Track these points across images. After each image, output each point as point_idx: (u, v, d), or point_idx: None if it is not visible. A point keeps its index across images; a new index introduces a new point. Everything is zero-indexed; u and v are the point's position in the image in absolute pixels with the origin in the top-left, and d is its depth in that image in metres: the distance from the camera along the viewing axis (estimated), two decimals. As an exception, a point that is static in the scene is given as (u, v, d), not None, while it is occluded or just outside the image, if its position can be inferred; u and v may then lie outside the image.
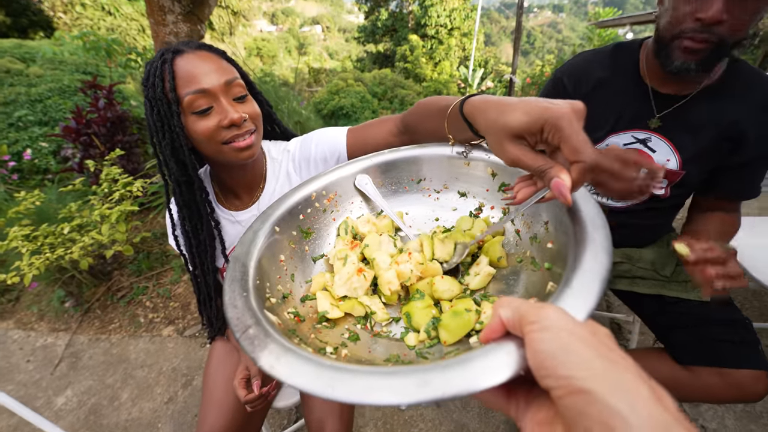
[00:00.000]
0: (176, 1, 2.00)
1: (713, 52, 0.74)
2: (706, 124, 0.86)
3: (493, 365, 0.27)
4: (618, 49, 0.95)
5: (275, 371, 0.33)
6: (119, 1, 11.47)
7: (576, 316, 0.29)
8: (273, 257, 0.55)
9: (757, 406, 1.32)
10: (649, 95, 0.89)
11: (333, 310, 0.51)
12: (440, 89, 12.60)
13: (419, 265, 0.53)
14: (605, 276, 0.33)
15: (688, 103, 0.86)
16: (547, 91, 1.03)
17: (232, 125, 0.69)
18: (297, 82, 9.66)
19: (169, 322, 2.07)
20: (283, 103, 3.66)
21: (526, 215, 0.55)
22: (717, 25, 0.70)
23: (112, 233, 1.80)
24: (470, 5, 18.21)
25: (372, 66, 17.70)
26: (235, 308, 0.41)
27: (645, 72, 0.90)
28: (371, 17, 19.58)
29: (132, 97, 3.71)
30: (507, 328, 0.28)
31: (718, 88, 0.85)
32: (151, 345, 1.92)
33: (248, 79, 0.80)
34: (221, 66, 0.71)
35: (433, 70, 15.21)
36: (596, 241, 0.37)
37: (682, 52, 0.75)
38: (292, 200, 0.61)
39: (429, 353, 0.44)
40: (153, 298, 2.23)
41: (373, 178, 0.67)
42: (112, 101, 2.69)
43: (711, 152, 0.88)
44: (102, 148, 2.52)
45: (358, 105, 6.65)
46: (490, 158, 0.59)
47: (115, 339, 1.98)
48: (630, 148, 0.92)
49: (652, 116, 0.90)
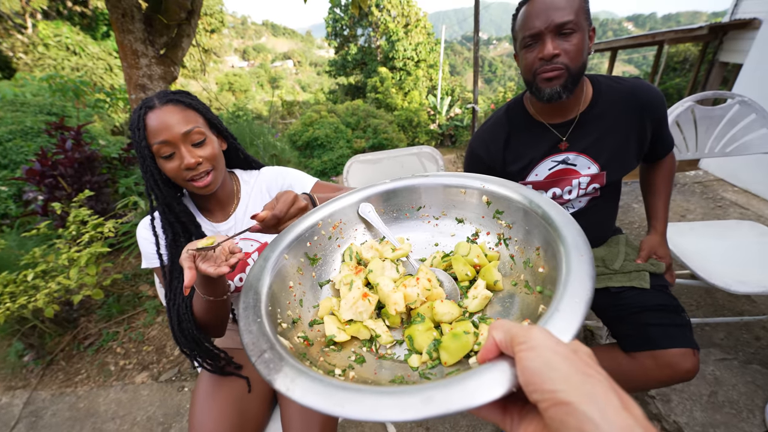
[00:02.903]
0: (149, 45, 2.05)
1: (567, 78, 0.92)
2: (603, 130, 1.04)
3: (489, 383, 0.30)
4: (509, 109, 1.14)
5: (290, 392, 0.35)
6: (85, 41, 11.39)
7: (563, 336, 0.33)
8: (283, 284, 0.57)
9: (720, 396, 1.40)
10: (547, 128, 1.07)
11: (340, 333, 0.53)
12: (411, 117, 13.09)
13: (426, 291, 0.55)
14: (589, 299, 0.37)
15: (580, 122, 1.04)
16: (468, 162, 1.19)
17: (188, 168, 0.84)
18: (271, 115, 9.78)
19: (142, 367, 1.96)
20: (258, 138, 3.71)
21: (520, 242, 0.59)
22: (556, 57, 0.90)
23: (81, 277, 1.73)
24: (434, 39, 19.39)
25: (344, 97, 18.22)
26: (250, 333, 0.44)
27: (535, 114, 1.09)
28: (341, 52, 20.39)
29: (100, 136, 3.66)
30: (500, 349, 0.30)
31: (594, 103, 1.04)
32: (123, 394, 1.81)
33: (213, 120, 0.93)
34: (184, 117, 0.85)
35: (403, 100, 15.84)
36: (581, 269, 0.41)
37: (544, 82, 0.94)
38: (300, 228, 0.64)
39: (431, 374, 0.46)
40: (125, 344, 2.11)
41: (375, 206, 0.71)
42: (80, 142, 2.64)
43: (621, 146, 1.05)
44: (69, 189, 2.45)
45: (333, 135, 6.79)
46: (485, 187, 0.64)
47: (82, 392, 1.85)
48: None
49: (559, 141, 1.07)
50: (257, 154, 3.68)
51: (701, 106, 1.54)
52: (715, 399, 1.40)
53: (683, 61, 9.66)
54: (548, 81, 0.93)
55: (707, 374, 1.50)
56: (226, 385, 0.96)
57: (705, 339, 1.65)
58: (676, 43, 6.32)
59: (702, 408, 1.38)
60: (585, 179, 1.08)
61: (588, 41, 0.93)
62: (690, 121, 1.56)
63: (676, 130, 1.56)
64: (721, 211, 2.63)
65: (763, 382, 1.44)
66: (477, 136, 1.16)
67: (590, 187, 1.10)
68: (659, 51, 6.82)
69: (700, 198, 2.85)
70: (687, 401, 1.41)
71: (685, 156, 1.62)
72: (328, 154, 7.05)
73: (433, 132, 13.97)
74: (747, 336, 1.65)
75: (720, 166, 3.09)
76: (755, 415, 1.33)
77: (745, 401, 1.38)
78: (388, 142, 8.72)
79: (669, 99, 8.30)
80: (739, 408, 1.36)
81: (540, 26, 0.89)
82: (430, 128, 13.90)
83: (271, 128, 5.19)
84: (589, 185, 1.09)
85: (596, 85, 1.05)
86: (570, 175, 1.08)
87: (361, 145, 8.00)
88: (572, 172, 1.08)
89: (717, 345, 1.62)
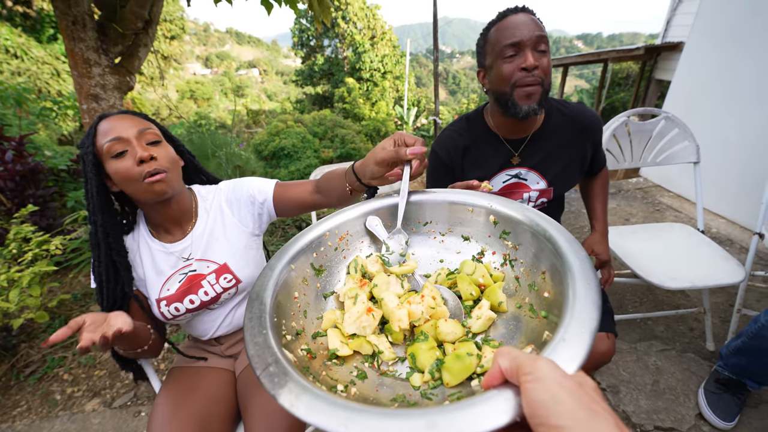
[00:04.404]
0: (103, 54, 1.96)
1: (542, 94, 0.98)
2: (551, 149, 1.13)
3: (493, 411, 0.30)
4: (469, 119, 1.20)
5: (294, 409, 0.35)
6: (28, 43, 10.58)
7: (569, 366, 0.33)
8: (288, 294, 0.57)
9: (661, 384, 1.54)
10: (503, 142, 1.14)
11: (343, 347, 0.53)
12: (379, 127, 13.27)
13: (430, 309, 0.55)
14: (595, 329, 0.37)
15: (532, 140, 1.13)
16: (431, 165, 1.22)
17: (141, 161, 0.81)
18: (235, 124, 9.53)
19: (93, 394, 1.82)
20: (221, 149, 3.61)
21: (526, 264, 0.58)
22: (535, 69, 0.95)
23: (23, 299, 1.60)
24: (400, 52, 19.88)
25: (311, 107, 18.14)
26: (256, 345, 0.44)
27: (493, 127, 1.15)
28: (308, 62, 20.35)
29: (46, 146, 3.41)
30: (506, 377, 0.31)
31: (546, 124, 1.12)
32: (70, 425, 1.67)
33: (168, 134, 0.95)
34: (138, 121, 0.86)
35: (370, 110, 16.03)
36: (588, 297, 0.41)
37: (525, 98, 0.98)
38: (307, 238, 0.64)
39: (433, 395, 0.46)
40: (73, 369, 1.96)
41: (382, 220, 0.70)
42: (22, 153, 2.46)
43: (566, 165, 1.15)
44: (8, 204, 2.26)
45: (300, 145, 6.74)
46: (492, 207, 0.64)
47: (21, 426, 1.69)
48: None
49: (512, 156, 1.14)
50: (219, 165, 3.58)
51: (634, 121, 1.72)
52: (657, 387, 1.54)
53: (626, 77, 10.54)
54: (527, 98, 0.97)
55: (650, 365, 1.64)
56: (185, 406, 0.92)
57: (647, 332, 1.80)
58: (619, 61, 6.92)
59: (646, 396, 1.51)
60: (534, 193, 1.17)
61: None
62: (625, 134, 1.73)
63: (613, 142, 1.73)
64: (659, 215, 2.89)
65: (696, 368, 1.60)
66: (439, 140, 1.21)
67: (539, 201, 1.19)
68: (605, 68, 7.42)
69: (641, 203, 3.12)
70: (633, 391, 1.53)
71: (622, 165, 1.78)
72: (295, 164, 6.97)
73: (400, 142, 14.18)
74: (683, 327, 1.82)
75: (657, 174, 3.40)
76: (690, 399, 1.47)
77: (682, 387, 1.53)
78: (355, 152, 8.78)
79: (615, 112, 9.02)
80: (677, 393, 1.50)
81: (522, 37, 0.94)
82: (398, 138, 14.10)
83: (236, 137, 5.07)
84: (538, 198, 1.19)
85: (548, 108, 1.14)
86: (521, 189, 1.17)
87: (328, 154, 7.99)
88: (523, 186, 1.17)
89: (658, 337, 1.77)
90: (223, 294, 0.99)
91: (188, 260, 0.96)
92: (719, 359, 1.40)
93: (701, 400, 1.42)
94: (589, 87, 12.28)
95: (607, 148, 1.71)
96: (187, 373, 1.03)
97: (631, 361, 1.66)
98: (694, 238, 1.63)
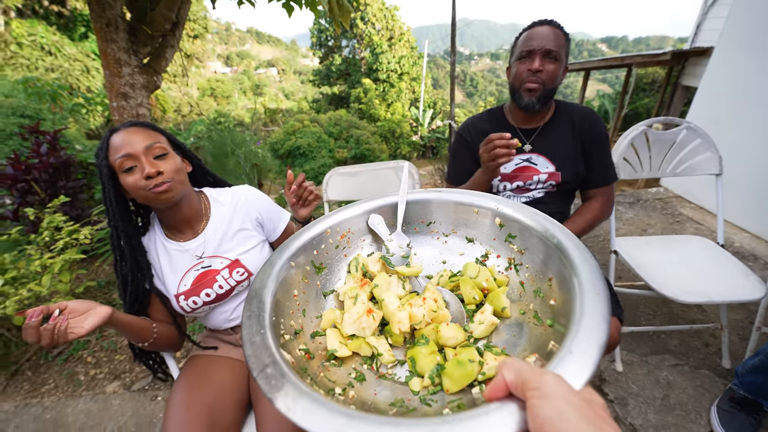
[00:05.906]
0: (133, 54, 2.06)
1: (542, 93, 1.21)
2: (559, 138, 1.31)
3: (497, 424, 0.29)
4: (491, 112, 1.43)
5: (291, 413, 0.34)
6: (61, 41, 11.07)
7: (576, 381, 0.32)
8: (287, 292, 0.56)
9: (672, 399, 1.51)
10: (517, 131, 1.35)
11: (341, 348, 0.52)
12: (394, 128, 13.30)
13: (432, 312, 0.53)
14: (603, 342, 0.36)
15: (543, 130, 1.33)
16: (456, 144, 1.43)
17: (148, 177, 0.88)
18: (253, 122, 9.73)
19: (114, 377, 1.92)
20: (239, 148, 3.70)
21: (532, 269, 0.56)
22: (539, 72, 1.18)
23: (54, 284, 1.70)
24: (417, 53, 19.84)
25: (327, 107, 18.31)
26: (253, 345, 0.43)
27: (510, 118, 1.37)
28: (326, 62, 20.53)
29: (76, 140, 3.57)
30: (510, 390, 0.30)
31: (554, 118, 1.33)
32: (93, 404, 1.77)
33: (176, 142, 1.02)
34: (146, 135, 0.92)
35: (386, 111, 16.06)
36: (597, 308, 0.39)
37: (527, 92, 1.22)
38: (308, 235, 0.63)
39: (432, 400, 0.44)
40: (96, 353, 2.06)
41: (385, 218, 0.69)
42: (55, 146, 2.59)
43: (570, 151, 1.30)
44: (42, 194, 2.39)
45: (315, 145, 6.83)
46: (498, 209, 0.62)
47: (49, 402, 1.80)
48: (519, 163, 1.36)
49: (525, 143, 1.33)
50: (238, 163, 3.68)
51: (653, 131, 1.69)
52: (668, 402, 1.51)
53: (652, 82, 10.24)
54: (529, 92, 1.21)
55: (661, 379, 1.61)
56: (201, 393, 0.97)
57: (660, 346, 1.77)
58: (644, 66, 6.75)
59: (655, 411, 1.48)
60: (544, 176, 1.32)
61: (561, 73, 1.23)
62: (644, 143, 1.70)
63: (631, 151, 1.70)
64: (678, 226, 2.82)
65: (710, 385, 1.56)
66: (464, 125, 1.44)
67: (547, 183, 1.33)
68: (628, 73, 7.25)
69: (661, 213, 3.05)
70: (642, 404, 1.51)
71: (640, 175, 1.76)
72: (309, 163, 7.07)
73: (415, 143, 14.23)
74: (698, 343, 1.78)
75: (679, 184, 3.31)
76: (702, 417, 1.44)
77: (694, 404, 1.50)
78: (370, 153, 8.81)
79: (638, 118, 8.78)
80: (688, 410, 1.48)
81: (535, 46, 1.17)
82: (413, 140, 14.15)
83: (253, 135, 5.18)
84: (546, 181, 1.33)
85: (557, 106, 1.35)
86: (531, 171, 1.33)
87: (343, 155, 8.05)
88: (533, 169, 1.33)
89: (671, 351, 1.74)
90: (237, 287, 1.06)
91: (201, 257, 1.03)
92: (735, 377, 1.37)
93: (714, 419, 1.39)
94: (612, 92, 11.98)
95: (625, 157, 1.69)
96: (203, 361, 1.08)
97: (641, 374, 1.63)
98: (712, 252, 1.60)
